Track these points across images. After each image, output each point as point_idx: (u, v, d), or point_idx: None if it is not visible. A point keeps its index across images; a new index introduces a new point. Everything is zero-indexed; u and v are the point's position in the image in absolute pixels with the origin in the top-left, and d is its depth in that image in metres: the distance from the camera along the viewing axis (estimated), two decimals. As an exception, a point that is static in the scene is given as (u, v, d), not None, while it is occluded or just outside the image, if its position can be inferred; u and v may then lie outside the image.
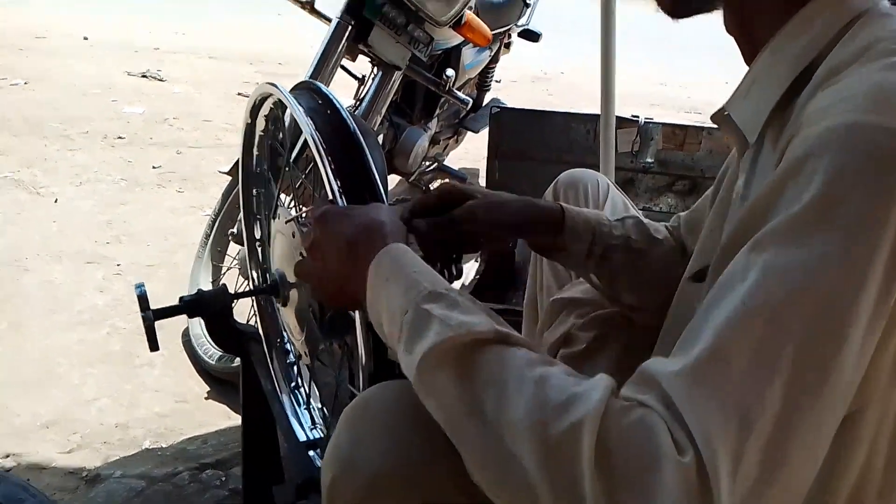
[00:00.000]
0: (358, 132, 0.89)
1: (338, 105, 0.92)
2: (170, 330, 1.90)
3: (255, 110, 1.11)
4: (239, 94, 4.16)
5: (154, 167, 3.06)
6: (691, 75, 6.17)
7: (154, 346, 0.99)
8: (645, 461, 0.46)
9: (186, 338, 1.87)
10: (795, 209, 0.50)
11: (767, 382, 0.47)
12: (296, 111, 0.87)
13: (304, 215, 1.03)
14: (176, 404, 1.67)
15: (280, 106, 1.06)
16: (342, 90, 2.78)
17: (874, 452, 0.59)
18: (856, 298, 0.48)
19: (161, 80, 4.33)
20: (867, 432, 0.58)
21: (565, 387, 0.51)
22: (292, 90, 1.01)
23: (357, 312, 0.78)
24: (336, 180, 0.80)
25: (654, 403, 0.48)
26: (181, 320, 1.84)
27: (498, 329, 0.57)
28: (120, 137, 3.35)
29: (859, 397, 0.53)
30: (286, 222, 1.00)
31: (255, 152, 1.19)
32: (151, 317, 0.97)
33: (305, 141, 0.85)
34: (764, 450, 0.46)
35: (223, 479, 1.45)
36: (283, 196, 1.11)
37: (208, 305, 1.03)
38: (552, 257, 1.02)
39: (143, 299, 0.98)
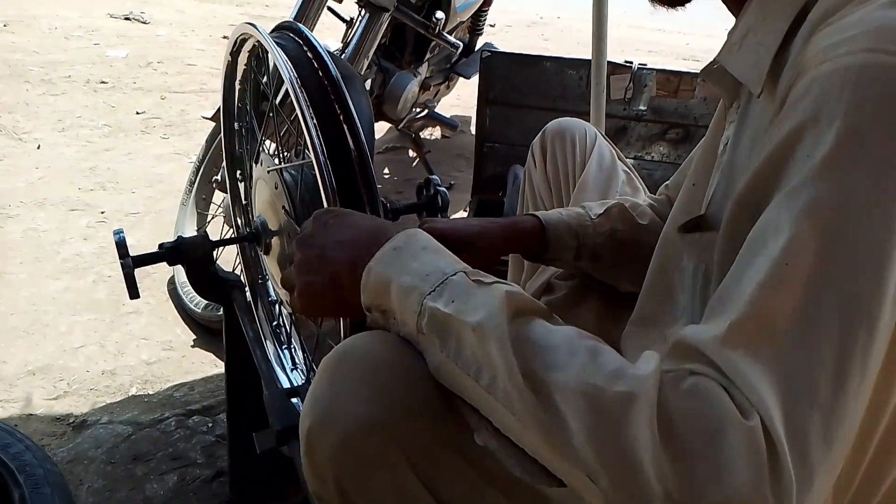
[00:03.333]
0: (339, 76, 0.86)
1: (318, 47, 0.89)
2: (156, 278, 1.89)
3: (235, 53, 1.08)
4: (224, 37, 4.06)
5: (138, 112, 3.00)
6: (690, 22, 6.04)
7: (134, 293, 0.97)
8: (710, 425, 0.45)
9: (172, 286, 1.86)
10: (819, 156, 0.49)
11: (817, 341, 0.46)
12: (275, 54, 0.84)
13: (284, 161, 1.01)
14: (163, 352, 1.67)
15: (261, 48, 1.02)
16: (331, 33, 2.72)
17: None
18: (890, 238, 0.47)
19: (145, 22, 4.22)
20: None
21: (617, 358, 0.50)
22: (273, 31, 0.97)
23: None
24: (316, 126, 0.78)
25: (706, 370, 0.47)
26: (168, 269, 1.84)
27: (547, 308, 0.57)
28: (103, 82, 3.28)
29: None
30: (268, 172, 0.98)
31: (237, 97, 1.15)
32: (131, 263, 0.95)
33: (290, 85, 0.82)
34: (821, 411, 0.45)
35: (210, 425, 1.46)
36: (268, 141, 1.09)
37: (188, 252, 1.02)
38: (543, 263, 1.01)
39: (121, 246, 0.96)
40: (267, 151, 1.06)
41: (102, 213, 2.23)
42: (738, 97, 0.72)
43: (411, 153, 2.87)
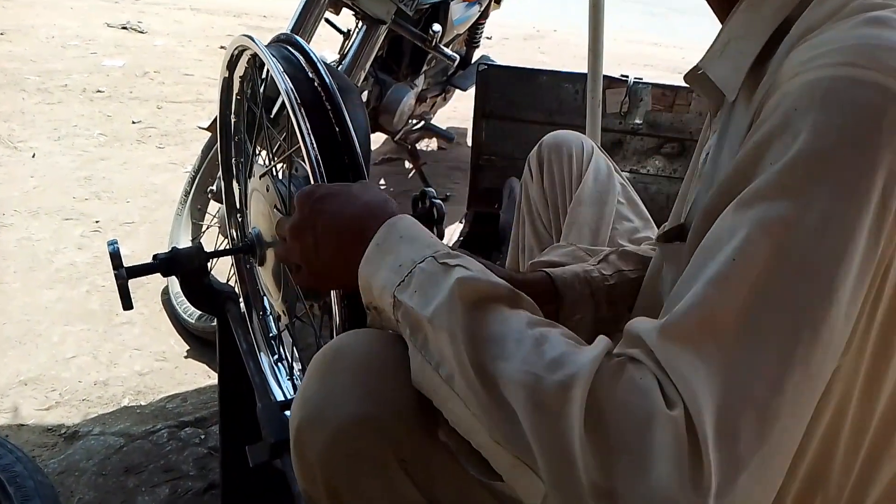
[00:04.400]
0: (335, 88, 0.86)
1: (315, 59, 0.89)
2: (150, 288, 1.88)
3: (232, 64, 1.08)
4: (221, 47, 4.07)
5: (134, 122, 3.01)
6: (685, 36, 6.09)
7: (127, 304, 0.96)
8: (637, 417, 0.45)
9: (166, 296, 1.85)
10: (780, 166, 0.49)
11: (757, 341, 0.46)
12: (271, 65, 0.84)
13: (280, 175, 1.01)
14: (156, 363, 1.66)
15: (258, 60, 1.03)
16: (328, 45, 2.72)
17: (840, 413, 0.58)
18: (844, 255, 0.47)
19: (142, 32, 4.23)
20: (837, 390, 0.57)
21: (561, 345, 0.51)
22: (270, 44, 0.97)
23: None
24: (311, 139, 0.78)
25: (644, 359, 0.48)
26: (162, 279, 1.83)
27: (510, 287, 0.57)
28: (99, 91, 3.28)
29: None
30: (260, 176, 0.98)
31: (233, 108, 1.15)
32: (125, 274, 0.95)
33: (286, 97, 0.82)
34: (755, 409, 0.45)
35: (202, 436, 1.45)
36: (262, 152, 1.09)
37: (183, 264, 1.01)
38: (564, 324, 0.95)
39: (115, 256, 0.95)
40: (260, 161, 1.06)
41: (97, 222, 2.22)
42: (722, 106, 0.72)
43: (407, 165, 2.88)
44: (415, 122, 2.57)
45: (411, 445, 0.60)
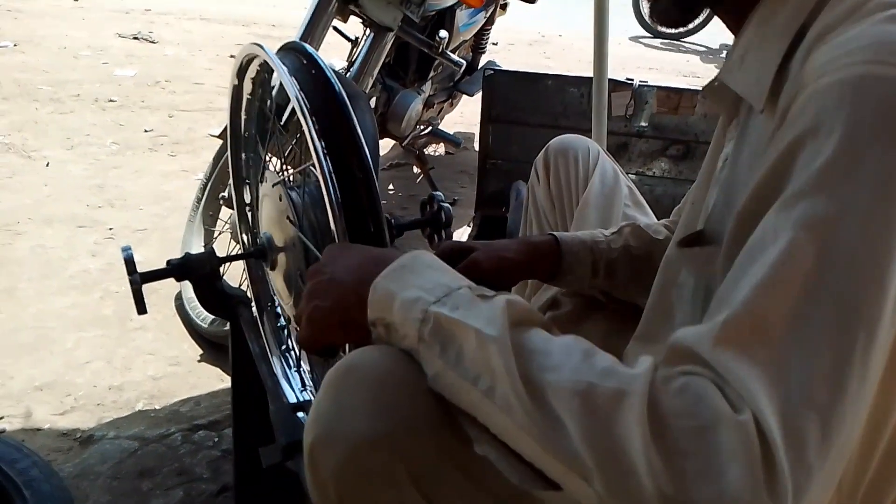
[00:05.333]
0: (344, 95, 0.87)
1: (324, 66, 0.90)
2: (163, 294, 1.91)
3: (241, 72, 1.10)
4: (231, 56, 4.11)
5: (146, 131, 3.04)
6: (689, 39, 6.09)
7: (141, 309, 0.99)
8: (702, 422, 0.44)
9: (179, 301, 1.87)
10: (818, 166, 0.49)
11: (813, 343, 0.46)
12: (281, 73, 0.85)
13: (290, 178, 1.02)
14: (169, 367, 1.68)
15: (267, 68, 1.04)
16: (336, 52, 2.75)
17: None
18: (890, 251, 0.47)
19: (153, 41, 4.28)
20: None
21: (610, 359, 0.51)
22: (279, 51, 0.99)
23: None
24: (321, 144, 0.79)
25: (698, 369, 0.47)
26: (175, 285, 1.85)
27: (546, 319, 0.59)
28: (111, 100, 3.32)
29: None
30: (273, 186, 0.99)
31: (243, 115, 1.17)
32: (139, 280, 0.97)
33: (295, 103, 0.83)
34: (818, 413, 0.45)
35: (216, 439, 1.47)
36: (273, 159, 1.10)
37: (195, 269, 1.03)
38: (560, 284, 1.02)
39: (129, 262, 0.97)
40: (272, 168, 1.07)
41: (110, 229, 2.25)
42: (738, 115, 0.73)
43: (415, 170, 2.89)
44: (422, 127, 2.59)
45: (424, 462, 0.61)
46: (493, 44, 3.50)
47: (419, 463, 0.60)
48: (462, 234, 2.30)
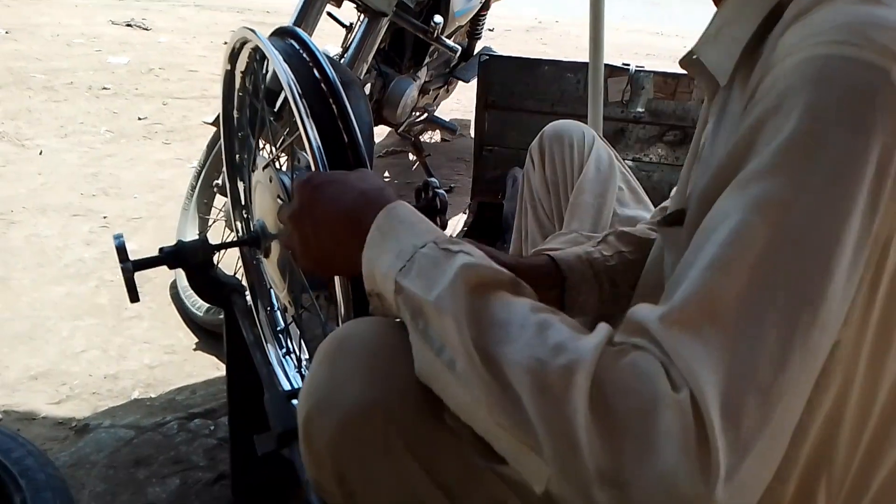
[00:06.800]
0: (338, 81, 0.86)
1: (317, 51, 0.89)
2: (158, 282, 1.90)
3: (233, 57, 1.09)
4: (225, 43, 4.05)
5: (140, 118, 3.02)
6: (687, 25, 6.06)
7: (134, 297, 0.98)
8: (642, 402, 0.45)
9: (174, 290, 1.87)
10: (775, 146, 0.49)
11: (757, 323, 0.46)
12: (273, 57, 0.84)
13: (283, 167, 1.02)
14: (165, 355, 1.68)
15: (259, 53, 1.03)
16: (330, 38, 2.73)
17: (844, 393, 0.59)
18: (840, 235, 0.48)
19: (146, 29, 4.25)
20: (839, 369, 0.57)
21: (563, 332, 0.51)
22: (271, 36, 0.98)
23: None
24: (314, 131, 0.78)
25: (647, 345, 0.48)
26: (170, 273, 1.85)
27: (512, 275, 0.57)
28: (105, 88, 3.29)
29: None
30: (263, 168, 0.98)
31: (236, 101, 1.16)
32: (131, 268, 0.96)
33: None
34: (758, 390, 0.45)
35: (212, 428, 1.47)
36: (266, 146, 1.09)
37: (188, 257, 1.02)
38: (569, 306, 0.95)
39: (121, 250, 0.97)
40: (264, 154, 1.06)
41: (104, 218, 2.24)
42: (718, 91, 0.73)
43: (411, 157, 2.88)
44: (418, 114, 2.57)
45: (418, 429, 0.61)
46: (490, 30, 3.48)
47: (414, 430, 0.61)
48: (458, 220, 2.29)
